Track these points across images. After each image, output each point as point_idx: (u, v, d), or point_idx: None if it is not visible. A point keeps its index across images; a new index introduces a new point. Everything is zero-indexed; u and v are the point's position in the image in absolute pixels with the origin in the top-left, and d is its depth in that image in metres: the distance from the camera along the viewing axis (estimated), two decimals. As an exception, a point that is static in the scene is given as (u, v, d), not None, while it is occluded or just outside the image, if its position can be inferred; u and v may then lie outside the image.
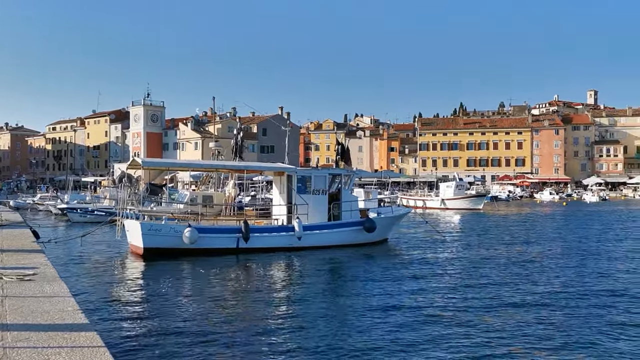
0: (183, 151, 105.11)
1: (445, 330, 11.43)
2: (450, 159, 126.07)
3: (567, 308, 13.44)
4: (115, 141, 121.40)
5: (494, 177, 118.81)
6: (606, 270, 19.10)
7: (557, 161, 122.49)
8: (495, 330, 11.42)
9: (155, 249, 21.31)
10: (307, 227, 23.32)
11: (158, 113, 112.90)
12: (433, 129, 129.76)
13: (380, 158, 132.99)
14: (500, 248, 25.84)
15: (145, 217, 23.23)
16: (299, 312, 13.16)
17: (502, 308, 13.41)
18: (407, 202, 64.29)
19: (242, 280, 17.72)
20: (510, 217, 50.72)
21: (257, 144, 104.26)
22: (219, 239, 22.28)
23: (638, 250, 24.88)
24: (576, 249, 25.41)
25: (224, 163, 29.69)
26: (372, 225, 24.78)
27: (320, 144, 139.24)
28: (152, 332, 11.21)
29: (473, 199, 64.48)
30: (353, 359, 9.72)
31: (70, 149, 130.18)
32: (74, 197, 51.28)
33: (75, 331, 5.79)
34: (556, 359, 9.80)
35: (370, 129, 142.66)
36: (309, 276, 18.45)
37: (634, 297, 14.75)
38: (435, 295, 14.94)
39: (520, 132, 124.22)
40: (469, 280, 17.21)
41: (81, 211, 40.18)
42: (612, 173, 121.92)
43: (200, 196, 29.50)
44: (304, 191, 24.21)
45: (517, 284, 16.66)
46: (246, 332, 11.23)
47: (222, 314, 12.85)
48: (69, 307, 6.82)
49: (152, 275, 18.17)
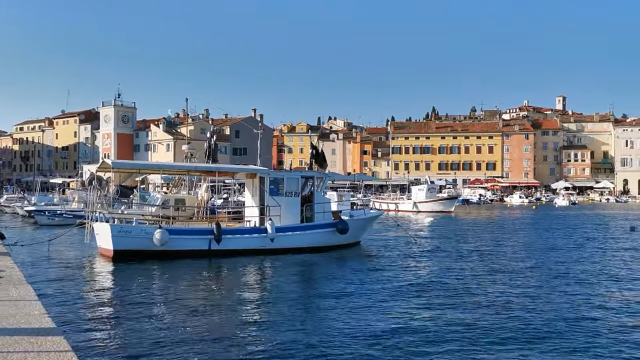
0: (155, 153, 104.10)
1: (416, 332, 11.48)
2: (423, 163, 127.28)
3: (534, 305, 13.66)
4: (84, 142, 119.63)
5: (466, 180, 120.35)
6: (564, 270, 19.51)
7: (527, 165, 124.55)
8: (465, 330, 11.53)
9: (125, 251, 21.01)
10: (279, 229, 23.26)
11: (129, 114, 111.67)
12: (405, 132, 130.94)
13: (353, 161, 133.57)
14: (471, 249, 26.12)
15: (116, 219, 22.91)
16: (270, 314, 13.10)
17: (472, 307, 13.57)
18: (380, 205, 64.61)
19: (213, 283, 17.59)
20: (482, 220, 51.38)
21: (229, 146, 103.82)
22: (191, 241, 22.07)
23: (591, 251, 25.46)
24: (541, 250, 25.86)
25: (195, 165, 29.43)
26: (344, 227, 24.84)
27: (293, 147, 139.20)
28: (120, 335, 11.05)
29: (445, 202, 65.16)
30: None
31: (38, 149, 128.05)
32: (41, 198, 50.44)
33: (41, 335, 5.68)
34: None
35: (343, 132, 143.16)
36: (281, 278, 18.40)
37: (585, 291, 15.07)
38: (407, 297, 15.03)
39: (491, 136, 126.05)
40: (440, 282, 17.36)
41: (49, 213, 39.49)
42: (579, 177, 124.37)
43: (172, 199, 29.24)
44: (277, 193, 24.15)
45: (487, 283, 16.91)
46: (216, 336, 11.13)
47: (192, 316, 12.73)
48: (35, 311, 6.69)
49: (122, 278, 17.93)
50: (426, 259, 23.00)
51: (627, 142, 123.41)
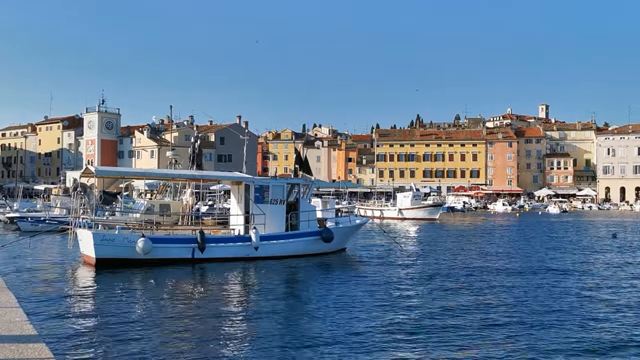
0: (139, 159, 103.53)
1: (402, 339, 11.53)
2: (407, 170, 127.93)
3: (520, 309, 13.77)
4: (68, 148, 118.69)
5: (450, 188, 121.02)
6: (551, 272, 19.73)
7: (510, 173, 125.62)
8: (452, 335, 11.60)
9: (108, 259, 20.84)
10: (264, 237, 23.19)
11: (113, 120, 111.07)
12: (390, 140, 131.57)
13: (338, 168, 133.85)
14: (456, 256, 26.25)
15: (99, 226, 22.74)
16: (253, 322, 13.10)
17: (457, 313, 13.66)
18: (365, 212, 64.76)
19: (196, 291, 17.50)
20: (466, 227, 51.68)
21: (214, 152, 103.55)
22: (174, 249, 21.95)
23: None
24: (526, 257, 26.08)
25: (180, 172, 29.26)
26: (329, 235, 24.85)
27: (278, 154, 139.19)
28: (102, 343, 10.97)
29: (430, 209, 65.43)
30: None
31: (20, 155, 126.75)
32: (23, 205, 49.84)
33: (23, 342, 5.64)
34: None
35: (328, 139, 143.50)
36: (265, 286, 18.34)
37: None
38: (391, 305, 15.06)
39: (475, 144, 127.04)
40: (426, 289, 17.43)
41: (32, 220, 39.03)
42: (562, 185, 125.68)
43: (157, 205, 29.07)
44: (262, 201, 24.10)
45: (472, 290, 17.02)
46: (198, 344, 11.10)
47: (174, 324, 12.68)
48: (16, 318, 6.64)
49: (104, 286, 17.78)
50: (412, 267, 23.05)
51: (609, 150, 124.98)
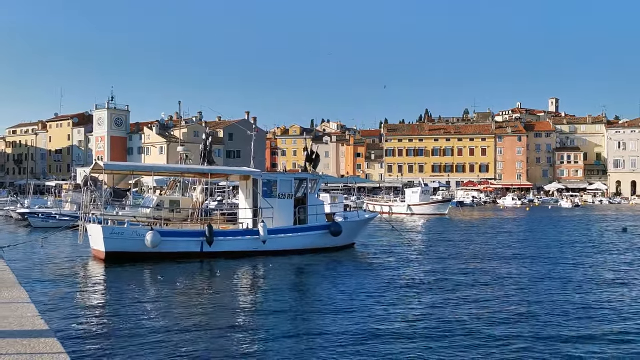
0: (148, 156, 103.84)
1: (411, 337, 11.53)
2: (416, 165, 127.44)
3: (529, 305, 13.73)
4: (78, 145, 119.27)
5: (459, 183, 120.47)
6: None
7: (520, 167, 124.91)
8: (462, 334, 11.59)
9: (117, 253, 20.98)
10: (272, 231, 23.24)
11: (123, 117, 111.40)
12: (399, 135, 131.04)
13: (347, 163, 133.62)
14: (466, 253, 26.17)
15: (109, 221, 22.88)
16: (262, 317, 13.12)
17: (468, 310, 13.62)
18: (374, 207, 64.59)
19: (205, 285, 17.58)
20: (476, 222, 51.48)
21: (223, 148, 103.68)
22: (183, 243, 22.06)
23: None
24: (538, 253, 25.97)
25: (188, 167, 29.28)
26: (338, 229, 24.84)
27: (287, 149, 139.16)
28: (113, 337, 11.05)
29: (439, 204, 65.20)
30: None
31: (31, 152, 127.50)
32: (35, 201, 50.16)
33: (35, 337, 5.69)
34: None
35: (336, 134, 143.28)
36: (273, 280, 18.41)
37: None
38: (401, 300, 15.05)
39: (484, 138, 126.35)
40: (436, 285, 17.38)
41: (43, 216, 39.31)
42: (572, 179, 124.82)
43: (167, 201, 29.14)
44: (270, 195, 24.14)
45: (483, 287, 16.93)
46: (209, 338, 11.15)
47: (184, 319, 12.74)
48: (28, 313, 6.70)
49: (114, 280, 17.91)
50: (421, 263, 22.99)
51: (619, 143, 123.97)
